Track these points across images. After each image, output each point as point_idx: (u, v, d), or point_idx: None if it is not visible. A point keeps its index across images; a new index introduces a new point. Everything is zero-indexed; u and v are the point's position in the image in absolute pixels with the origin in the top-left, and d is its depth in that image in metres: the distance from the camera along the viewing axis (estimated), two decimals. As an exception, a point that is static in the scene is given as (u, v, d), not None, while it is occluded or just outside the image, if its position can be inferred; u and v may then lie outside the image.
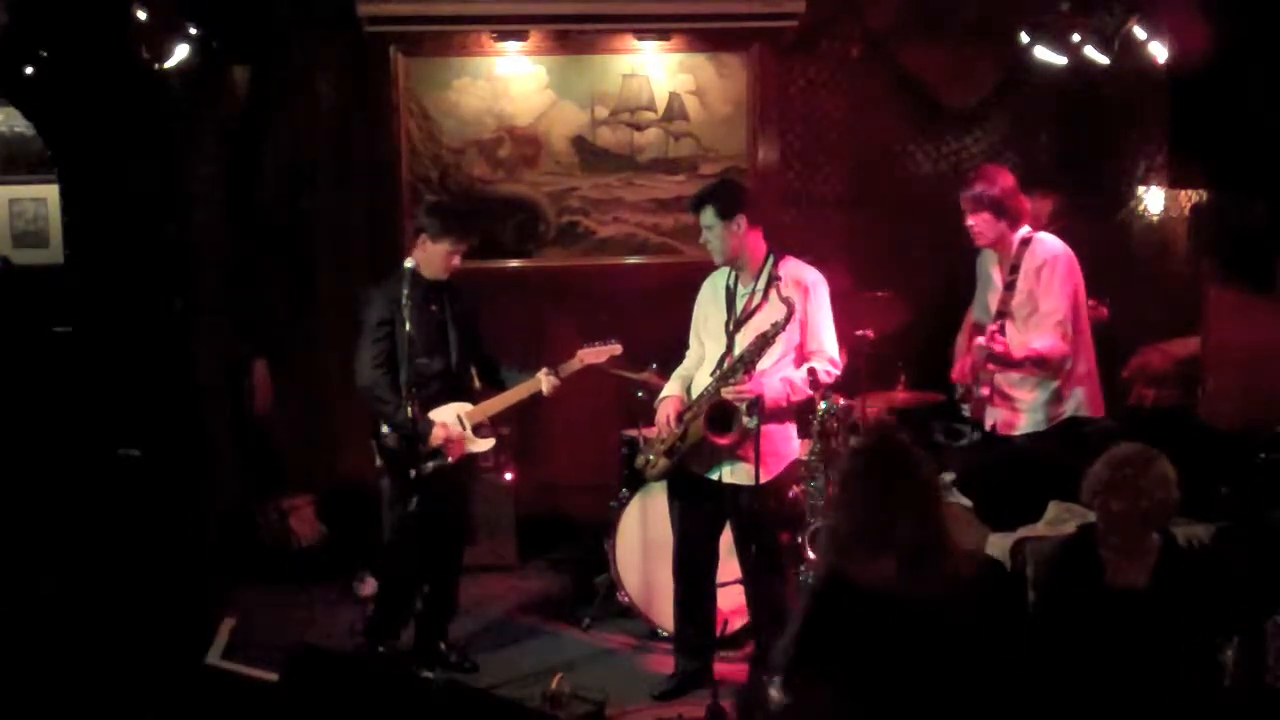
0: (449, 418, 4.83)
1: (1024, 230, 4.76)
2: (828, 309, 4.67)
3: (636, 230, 6.79)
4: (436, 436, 4.76)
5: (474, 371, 5.05)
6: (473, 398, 4.97)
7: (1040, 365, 4.65)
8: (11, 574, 5.14)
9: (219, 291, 6.42)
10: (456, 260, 4.86)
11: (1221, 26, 4.68)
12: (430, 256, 4.84)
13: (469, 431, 4.89)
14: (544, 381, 4.97)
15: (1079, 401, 4.73)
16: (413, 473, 4.67)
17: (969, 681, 2.69)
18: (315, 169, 6.58)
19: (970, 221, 4.75)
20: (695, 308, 4.87)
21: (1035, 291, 4.67)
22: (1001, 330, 4.67)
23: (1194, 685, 3.47)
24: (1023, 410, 4.73)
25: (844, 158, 6.87)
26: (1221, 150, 4.82)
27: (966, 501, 4.78)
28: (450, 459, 4.80)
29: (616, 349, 5.13)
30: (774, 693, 4.25)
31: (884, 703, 2.69)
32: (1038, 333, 4.66)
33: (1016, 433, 4.74)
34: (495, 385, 5.05)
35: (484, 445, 4.97)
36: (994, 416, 4.78)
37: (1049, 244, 4.74)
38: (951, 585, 2.74)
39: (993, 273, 4.87)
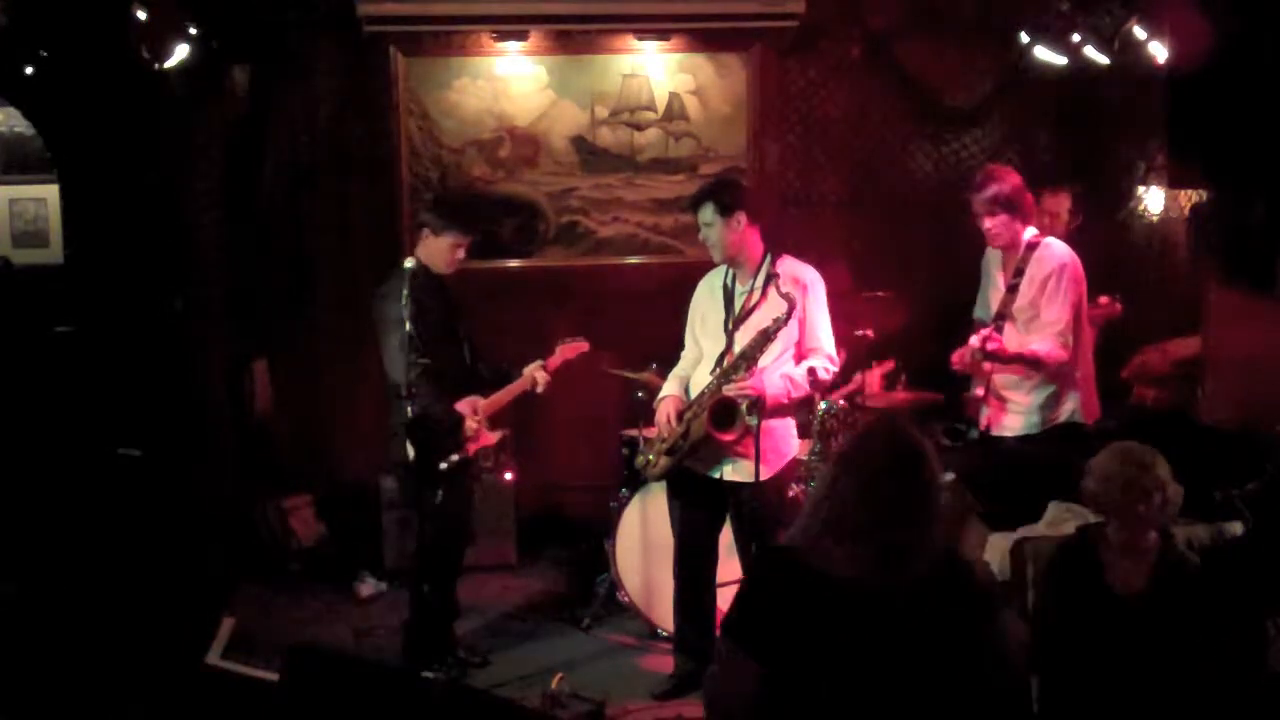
0: (466, 411, 4.85)
1: (1031, 232, 4.76)
2: (825, 307, 4.69)
3: (636, 230, 6.80)
4: (470, 428, 4.79)
5: (481, 366, 5.07)
6: (484, 391, 4.98)
7: (1035, 367, 4.64)
8: (12, 574, 5.14)
9: (219, 291, 6.43)
10: (460, 254, 4.88)
11: (1221, 26, 4.67)
12: (434, 252, 4.85)
13: (484, 424, 4.93)
14: (539, 377, 5.00)
15: (1075, 406, 4.72)
16: (443, 465, 4.68)
17: (917, 678, 2.64)
18: (315, 169, 6.59)
19: (987, 225, 4.73)
20: (691, 308, 4.88)
21: (1039, 299, 4.67)
22: (999, 331, 4.68)
23: (1195, 685, 3.47)
24: (1019, 413, 4.73)
25: (844, 158, 6.87)
26: (1221, 150, 4.82)
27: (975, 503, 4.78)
28: (470, 452, 4.83)
29: (583, 344, 5.15)
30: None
31: (819, 689, 2.65)
32: (1038, 338, 4.66)
33: (1011, 434, 4.74)
34: (501, 379, 5.06)
35: (495, 437, 5.05)
36: (989, 417, 4.77)
37: (1056, 250, 4.73)
38: (917, 581, 2.68)
39: (995, 272, 4.87)
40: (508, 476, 6.28)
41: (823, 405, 5.29)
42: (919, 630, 2.64)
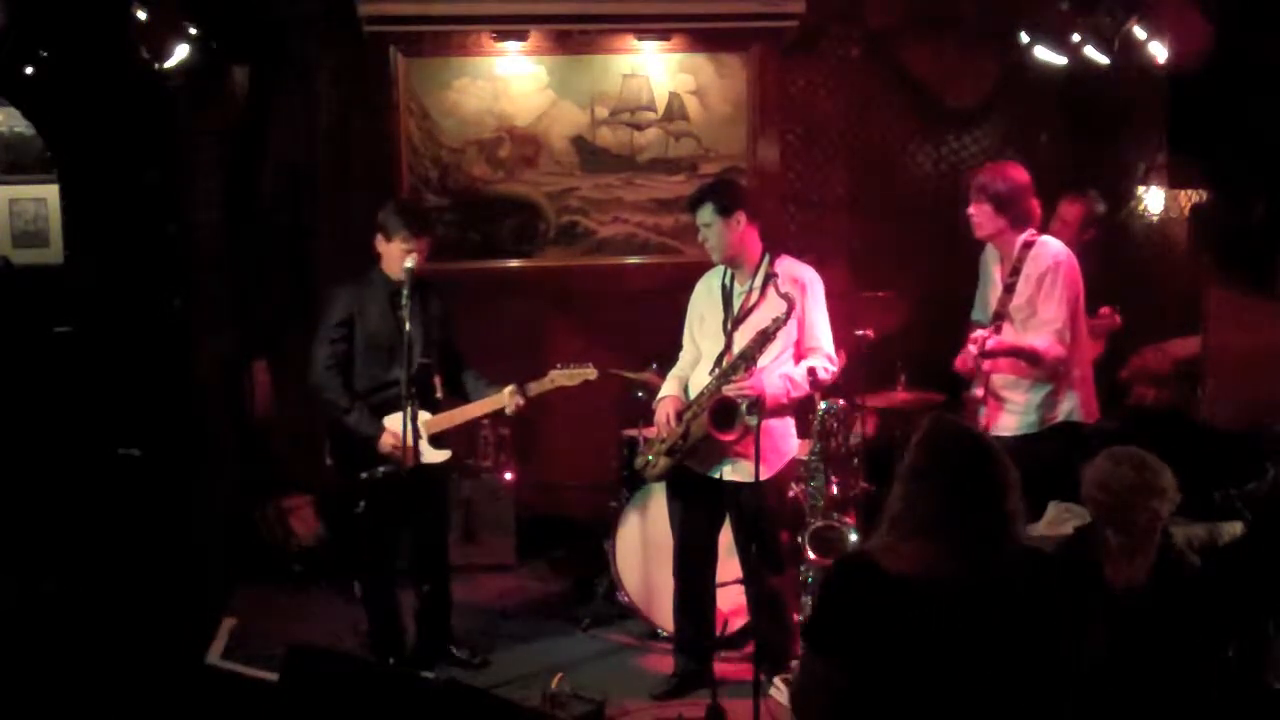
0: (395, 426, 4.65)
1: (1028, 232, 4.76)
2: (824, 307, 4.70)
3: (636, 230, 6.80)
4: (384, 443, 4.64)
5: (438, 379, 4.92)
6: (434, 406, 4.85)
7: (1034, 362, 4.64)
8: (12, 574, 5.15)
9: (219, 291, 6.43)
10: (411, 260, 4.67)
11: (1221, 27, 4.68)
12: (387, 257, 4.77)
13: (425, 440, 4.72)
14: (508, 400, 4.81)
15: (1073, 406, 4.71)
16: (363, 475, 4.63)
17: (1001, 672, 2.65)
18: (315, 169, 6.59)
19: (970, 210, 4.74)
20: (689, 308, 4.88)
21: (1035, 298, 4.67)
22: (998, 331, 4.68)
23: (1196, 684, 3.47)
24: (1016, 412, 4.72)
25: (844, 158, 6.88)
26: (1221, 150, 4.82)
27: None
28: (402, 466, 4.62)
29: (591, 373, 4.92)
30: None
31: (907, 691, 2.66)
32: (1036, 336, 4.66)
33: (1009, 434, 4.74)
34: (460, 395, 4.94)
35: (438, 456, 4.79)
36: (987, 417, 4.77)
37: (1052, 249, 4.72)
38: (996, 574, 2.68)
39: (994, 271, 4.87)
40: (508, 476, 6.28)
41: (823, 405, 5.29)
42: (1004, 626, 2.65)
